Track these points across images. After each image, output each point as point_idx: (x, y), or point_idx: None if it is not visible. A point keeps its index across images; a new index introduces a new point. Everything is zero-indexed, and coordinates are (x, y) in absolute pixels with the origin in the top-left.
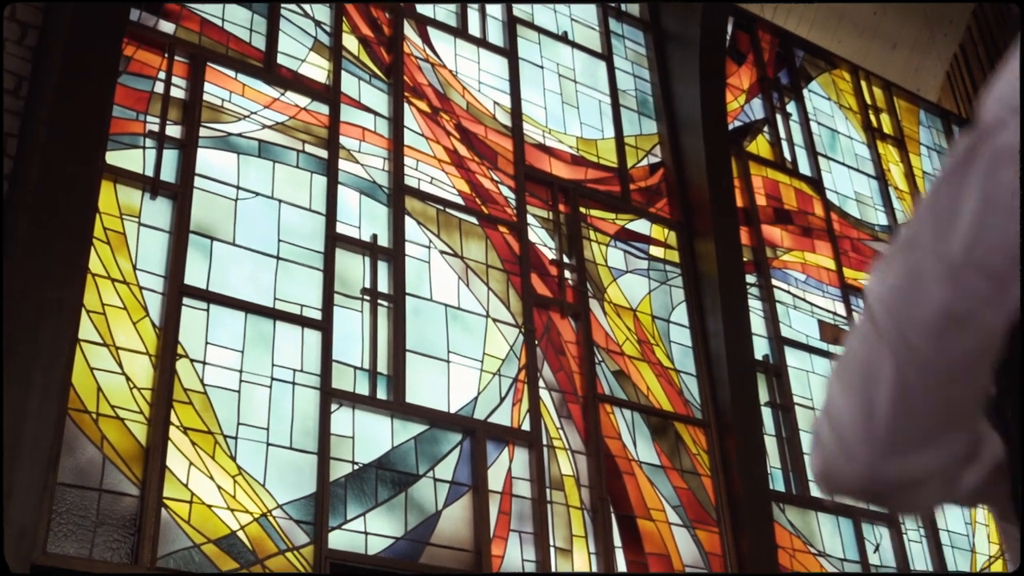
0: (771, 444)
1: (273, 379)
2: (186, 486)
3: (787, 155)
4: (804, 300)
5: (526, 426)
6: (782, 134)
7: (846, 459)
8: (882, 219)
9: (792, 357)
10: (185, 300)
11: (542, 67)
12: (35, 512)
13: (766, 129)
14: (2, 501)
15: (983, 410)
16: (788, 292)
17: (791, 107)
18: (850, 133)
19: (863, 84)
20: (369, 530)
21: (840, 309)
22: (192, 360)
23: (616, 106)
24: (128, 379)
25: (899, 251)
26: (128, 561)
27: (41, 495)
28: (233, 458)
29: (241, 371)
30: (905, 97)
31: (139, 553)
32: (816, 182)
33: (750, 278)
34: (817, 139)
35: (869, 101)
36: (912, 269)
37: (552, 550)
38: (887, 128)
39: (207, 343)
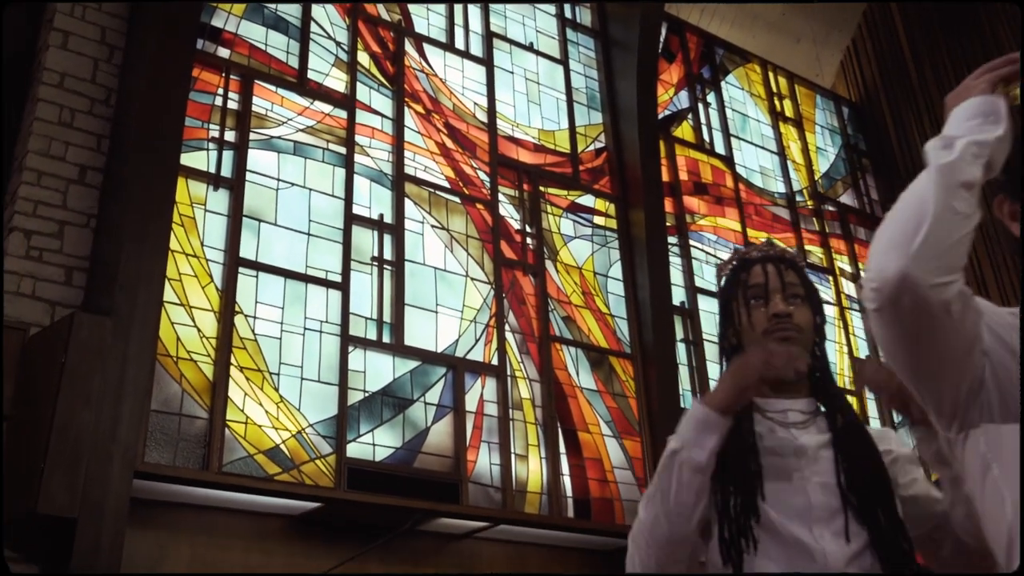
0: (684, 372)
1: (305, 329)
2: (242, 411)
3: (706, 137)
4: (715, 256)
5: (495, 361)
6: (703, 120)
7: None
8: (780, 187)
9: (703, 302)
10: (240, 269)
11: (512, 72)
12: (135, 433)
13: (690, 116)
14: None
15: None
16: (702, 250)
17: (711, 97)
18: (758, 117)
19: (771, 75)
20: (376, 442)
21: None
22: (246, 315)
23: (570, 102)
24: (199, 331)
25: None
26: (201, 467)
27: (140, 420)
28: (276, 389)
29: (282, 323)
30: (805, 84)
31: (209, 461)
32: (728, 159)
33: (672, 239)
34: (731, 123)
35: (775, 89)
36: None
37: (512, 456)
38: (788, 112)
39: (256, 302)
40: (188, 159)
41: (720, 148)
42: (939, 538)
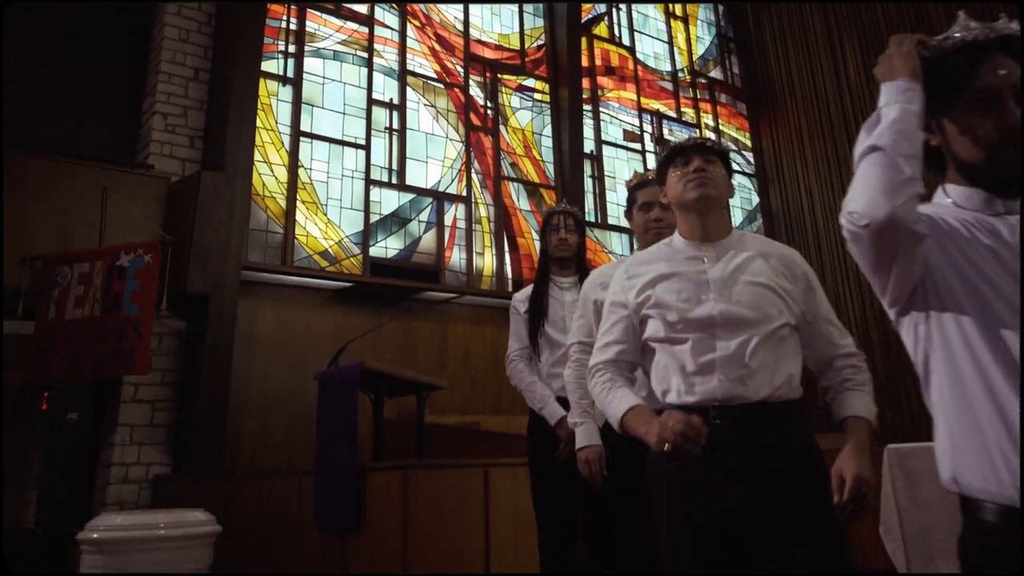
0: (589, 199)
1: (343, 175)
2: (304, 228)
3: (616, 34)
4: (616, 118)
5: (464, 193)
6: (615, 21)
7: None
8: (668, 67)
9: (607, 151)
10: (301, 138)
11: None
12: (240, 243)
13: (606, 19)
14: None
15: None
16: (607, 114)
17: (623, 5)
18: (656, 16)
19: None
20: (388, 246)
21: (636, 122)
22: (305, 168)
23: (521, 13)
24: (276, 178)
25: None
26: (280, 263)
27: (243, 235)
28: (325, 214)
29: (327, 172)
30: None
31: (285, 258)
32: (631, 49)
33: (587, 108)
34: (636, 22)
35: None
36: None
37: (474, 253)
38: (678, 12)
39: (312, 159)
40: (265, 65)
41: (626, 41)
42: None
